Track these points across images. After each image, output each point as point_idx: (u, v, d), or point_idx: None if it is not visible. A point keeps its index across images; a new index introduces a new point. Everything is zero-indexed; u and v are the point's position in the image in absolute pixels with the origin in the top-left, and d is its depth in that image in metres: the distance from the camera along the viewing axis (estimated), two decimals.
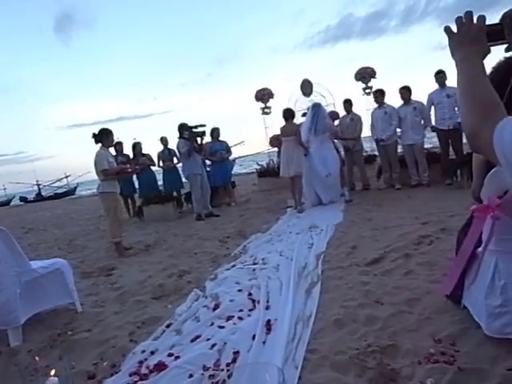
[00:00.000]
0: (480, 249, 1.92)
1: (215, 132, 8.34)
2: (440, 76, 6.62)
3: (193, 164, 6.91)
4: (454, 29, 1.05)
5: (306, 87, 10.31)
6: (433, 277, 2.68)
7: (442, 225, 3.94)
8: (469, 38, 1.01)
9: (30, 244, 6.75)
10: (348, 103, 7.67)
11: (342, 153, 7.54)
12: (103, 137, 4.90)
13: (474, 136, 0.98)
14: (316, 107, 6.95)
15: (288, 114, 6.52)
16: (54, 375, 1.72)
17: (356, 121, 7.57)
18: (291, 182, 6.62)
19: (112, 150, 5.56)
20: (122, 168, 5.27)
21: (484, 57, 1.04)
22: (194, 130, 7.02)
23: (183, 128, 7.00)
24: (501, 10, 1.07)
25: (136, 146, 8.25)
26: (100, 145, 4.89)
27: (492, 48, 1.05)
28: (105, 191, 4.85)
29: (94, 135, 4.90)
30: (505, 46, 1.07)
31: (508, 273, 1.72)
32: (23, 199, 28.34)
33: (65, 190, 30.72)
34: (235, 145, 9.97)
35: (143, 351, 2.24)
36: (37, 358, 1.83)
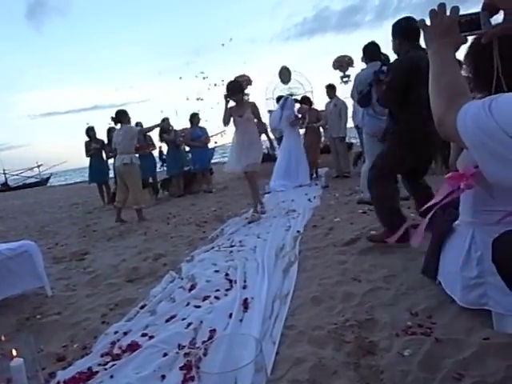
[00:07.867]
0: (457, 222, 1.93)
1: (195, 118, 8.23)
2: None
3: None
4: (428, 22, 1.05)
5: (285, 74, 10.26)
6: (409, 255, 2.68)
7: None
8: (440, 30, 1.02)
9: None
10: (331, 88, 7.51)
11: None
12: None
13: (441, 123, 1.02)
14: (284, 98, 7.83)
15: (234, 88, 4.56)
16: (17, 355, 1.63)
17: (340, 106, 7.50)
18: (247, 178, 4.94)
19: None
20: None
21: (458, 48, 1.06)
22: None
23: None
24: (471, 7, 1.09)
25: (111, 131, 8.00)
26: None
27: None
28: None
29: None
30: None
31: (484, 244, 1.72)
32: None
33: (36, 180, 29.19)
34: (216, 134, 9.84)
35: (116, 332, 2.16)
36: (3, 338, 1.73)
